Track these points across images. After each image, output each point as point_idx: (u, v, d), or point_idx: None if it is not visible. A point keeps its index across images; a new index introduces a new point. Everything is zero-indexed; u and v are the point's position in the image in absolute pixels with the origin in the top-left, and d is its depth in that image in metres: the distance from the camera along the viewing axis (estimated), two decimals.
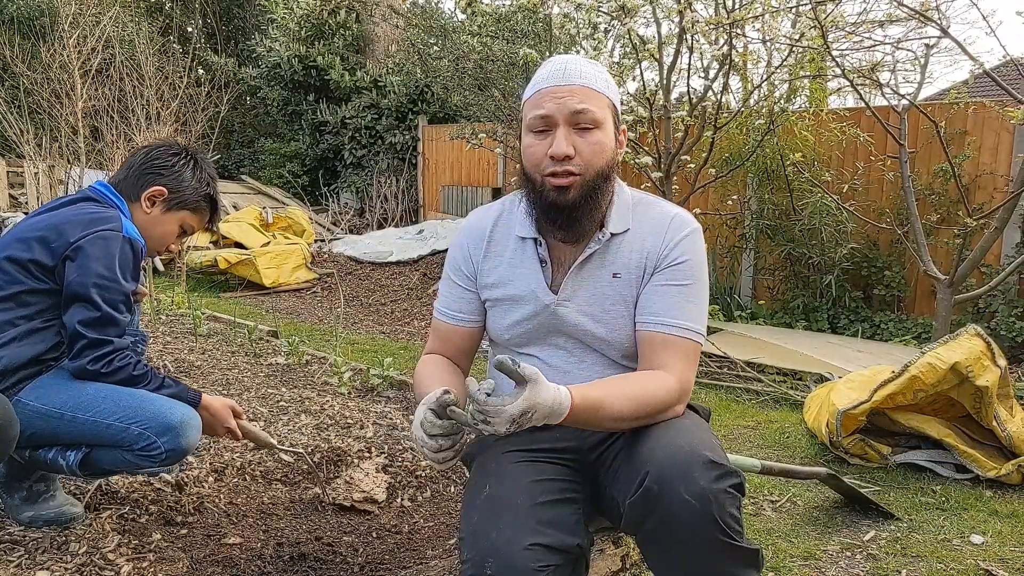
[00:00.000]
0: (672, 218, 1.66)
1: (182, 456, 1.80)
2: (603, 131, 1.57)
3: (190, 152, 2.08)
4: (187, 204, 2.03)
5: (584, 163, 1.56)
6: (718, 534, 1.37)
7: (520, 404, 1.32)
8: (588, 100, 1.56)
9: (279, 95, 12.11)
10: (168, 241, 2.07)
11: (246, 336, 4.24)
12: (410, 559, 1.97)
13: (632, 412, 1.50)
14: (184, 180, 2.02)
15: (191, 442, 1.79)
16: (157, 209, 2.00)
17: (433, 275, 8.14)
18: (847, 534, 2.40)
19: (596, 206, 1.60)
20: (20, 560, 1.73)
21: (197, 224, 2.10)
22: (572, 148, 1.54)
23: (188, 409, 1.82)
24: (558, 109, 1.55)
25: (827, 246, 5.37)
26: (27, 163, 7.41)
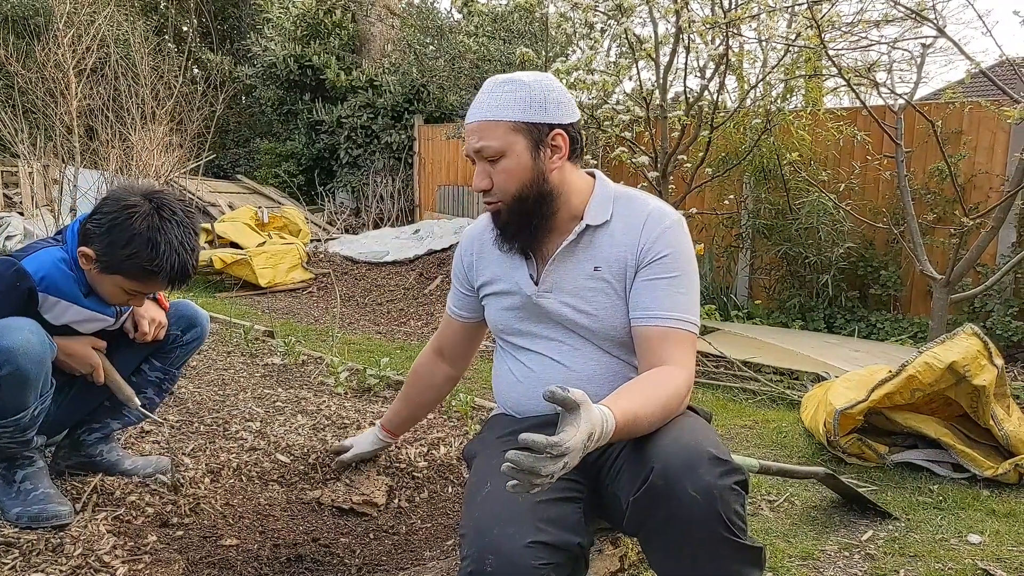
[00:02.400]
0: (650, 213, 1.70)
1: (11, 356, 1.71)
2: (510, 157, 1.64)
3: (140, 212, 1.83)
4: (117, 270, 1.86)
5: (499, 191, 1.67)
6: (722, 531, 1.38)
7: (584, 427, 1.31)
8: (485, 136, 1.65)
9: (274, 94, 12.09)
10: (115, 300, 1.96)
11: (242, 336, 4.22)
12: (407, 560, 1.96)
13: (660, 416, 1.52)
14: (114, 246, 1.82)
15: (14, 341, 1.72)
16: (92, 267, 1.87)
17: (429, 275, 8.14)
18: (845, 534, 2.40)
19: (527, 220, 1.69)
20: (15, 563, 1.72)
21: (141, 288, 1.91)
22: (488, 180, 1.67)
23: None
24: (468, 150, 1.69)
25: (823, 245, 5.38)
26: (21, 163, 7.38)
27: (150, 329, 2.08)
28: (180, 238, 1.87)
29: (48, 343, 1.81)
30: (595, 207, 1.70)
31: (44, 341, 1.79)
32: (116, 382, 2.05)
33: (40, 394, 1.83)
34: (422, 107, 11.10)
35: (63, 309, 1.92)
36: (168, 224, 1.86)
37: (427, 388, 2.12)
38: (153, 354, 2.18)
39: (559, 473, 1.29)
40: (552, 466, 1.27)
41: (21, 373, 1.74)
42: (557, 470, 1.28)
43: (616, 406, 1.43)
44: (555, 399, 1.32)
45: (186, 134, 6.12)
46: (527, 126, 1.63)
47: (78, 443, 2.17)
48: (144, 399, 2.17)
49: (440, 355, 2.08)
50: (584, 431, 1.31)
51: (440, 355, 2.08)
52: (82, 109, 5.34)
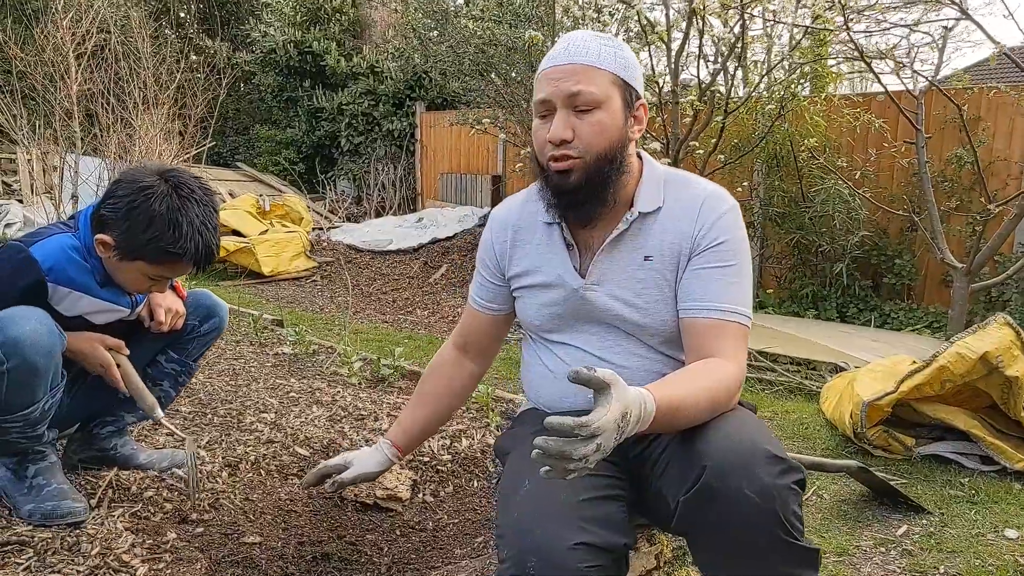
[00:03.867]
0: (706, 197, 1.58)
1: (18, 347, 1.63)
2: (606, 111, 1.50)
3: (158, 193, 1.74)
4: (139, 255, 1.77)
5: (584, 146, 1.49)
6: (780, 532, 1.30)
7: (617, 407, 1.21)
8: (585, 80, 1.49)
9: (274, 81, 11.96)
10: (137, 288, 1.87)
11: (251, 325, 4.15)
12: (438, 558, 1.90)
13: (708, 409, 1.43)
14: (133, 231, 1.73)
15: (21, 331, 1.64)
16: (111, 255, 1.78)
17: (434, 263, 8.06)
18: (879, 529, 2.34)
19: (603, 188, 1.53)
20: (29, 563, 1.65)
21: (165, 273, 1.82)
22: (570, 131, 1.49)
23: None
24: (555, 92, 1.50)
25: (837, 234, 5.30)
26: (20, 149, 7.27)
27: (167, 319, 2.00)
28: (201, 217, 1.78)
29: (58, 333, 1.73)
30: (646, 193, 1.57)
31: (53, 331, 1.71)
32: (138, 389, 1.94)
33: (50, 387, 1.75)
34: (424, 94, 10.99)
35: (75, 300, 1.84)
36: (188, 203, 1.76)
37: (449, 388, 1.85)
38: (170, 345, 2.10)
39: (595, 456, 1.20)
40: (584, 448, 1.19)
41: (29, 365, 1.66)
42: (591, 452, 1.19)
43: (657, 391, 1.34)
44: (580, 379, 1.22)
45: (189, 120, 6.02)
46: (623, 84, 1.51)
47: (91, 436, 2.10)
48: (160, 392, 2.10)
49: (464, 352, 1.87)
50: (617, 410, 1.21)
51: (464, 352, 1.87)
52: (82, 93, 5.23)
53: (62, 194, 5.37)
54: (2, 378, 1.65)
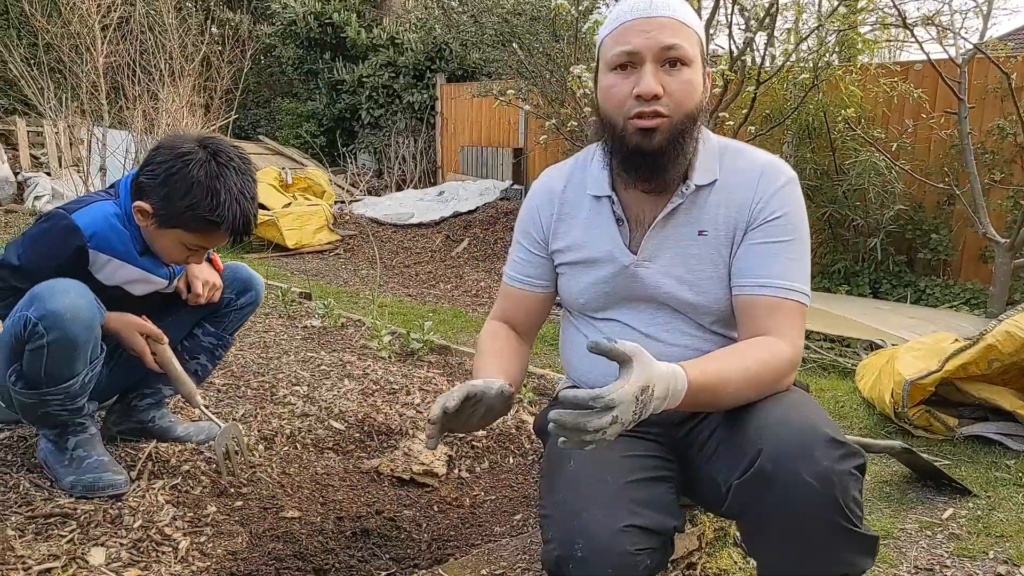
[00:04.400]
0: (764, 168, 1.49)
1: (58, 320, 1.62)
2: (693, 69, 1.42)
3: (196, 160, 1.72)
4: (177, 223, 1.76)
5: (674, 104, 1.40)
6: (839, 519, 1.26)
7: (636, 380, 1.17)
8: (679, 34, 1.40)
9: (294, 53, 11.88)
10: (174, 258, 1.84)
11: (279, 298, 4.14)
12: (477, 535, 1.88)
13: (751, 390, 1.37)
14: (171, 198, 1.72)
15: (61, 304, 1.63)
16: (149, 223, 1.77)
17: (456, 237, 8.02)
18: (923, 511, 2.29)
19: (682, 153, 1.44)
20: (72, 535, 1.64)
21: (202, 242, 1.80)
22: (660, 87, 1.39)
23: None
24: (646, 44, 1.39)
25: (871, 207, 5.19)
26: (47, 122, 7.28)
27: (204, 291, 1.98)
28: (239, 185, 1.76)
29: (97, 307, 1.72)
30: (702, 164, 1.49)
31: (92, 304, 1.70)
32: (178, 377, 1.94)
33: (90, 360, 1.74)
34: (444, 65, 10.87)
35: (115, 268, 1.83)
36: (226, 171, 1.74)
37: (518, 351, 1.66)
38: (206, 318, 2.09)
39: (613, 430, 1.17)
40: (599, 420, 1.15)
41: (69, 338, 1.65)
42: (606, 424, 1.15)
43: (693, 368, 1.30)
44: (599, 349, 1.19)
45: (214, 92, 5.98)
46: (702, 46, 1.45)
47: (130, 408, 2.10)
48: (197, 365, 2.08)
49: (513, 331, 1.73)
50: (636, 383, 1.17)
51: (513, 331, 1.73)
52: (108, 66, 5.21)
53: (90, 167, 5.37)
54: (42, 351, 1.64)
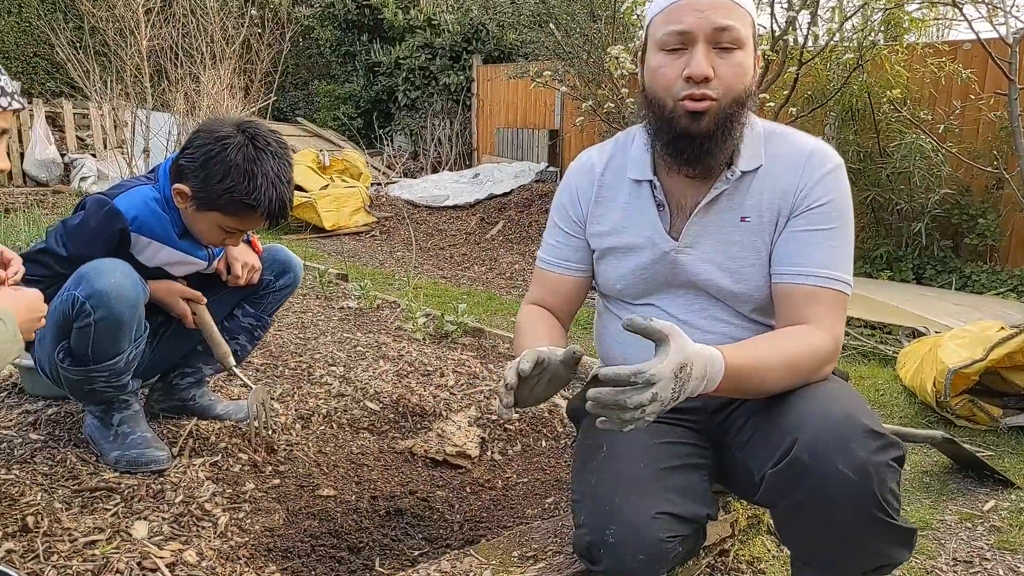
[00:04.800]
0: (811, 153, 1.46)
1: (104, 299, 1.66)
2: (745, 52, 1.39)
3: (234, 143, 1.74)
4: (214, 206, 1.79)
5: (724, 87, 1.37)
6: (876, 511, 1.24)
7: (674, 357, 1.16)
8: (733, 15, 1.37)
9: (332, 35, 11.93)
10: (212, 240, 1.87)
11: (316, 279, 4.19)
12: (509, 517, 1.89)
13: (786, 378, 1.35)
14: (209, 181, 1.75)
15: (107, 284, 1.67)
16: (188, 206, 1.81)
17: (491, 219, 8.02)
18: (964, 503, 2.25)
19: (730, 137, 1.41)
20: (117, 509, 1.69)
21: (239, 224, 1.83)
22: (712, 69, 1.36)
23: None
24: (699, 24, 1.36)
25: (916, 191, 5.07)
26: (92, 105, 7.42)
27: (243, 273, 2.02)
28: (276, 169, 1.78)
29: (141, 286, 1.76)
30: (747, 149, 1.46)
31: (137, 284, 1.74)
32: (212, 337, 1.99)
33: (134, 338, 1.78)
34: (480, 47, 10.82)
35: (155, 250, 1.87)
36: (263, 155, 1.77)
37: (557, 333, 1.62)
38: (246, 300, 2.12)
39: (652, 407, 1.16)
40: (638, 397, 1.15)
41: (114, 317, 1.69)
42: (646, 401, 1.15)
43: (729, 352, 1.28)
44: (635, 327, 1.18)
45: (254, 74, 6.05)
46: (754, 30, 1.42)
47: (171, 387, 2.14)
48: (236, 345, 2.12)
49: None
50: (675, 361, 1.16)
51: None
52: (151, 49, 5.29)
53: (133, 148, 5.47)
54: (89, 329, 1.68)
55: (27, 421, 2.06)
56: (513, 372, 1.29)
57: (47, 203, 7.18)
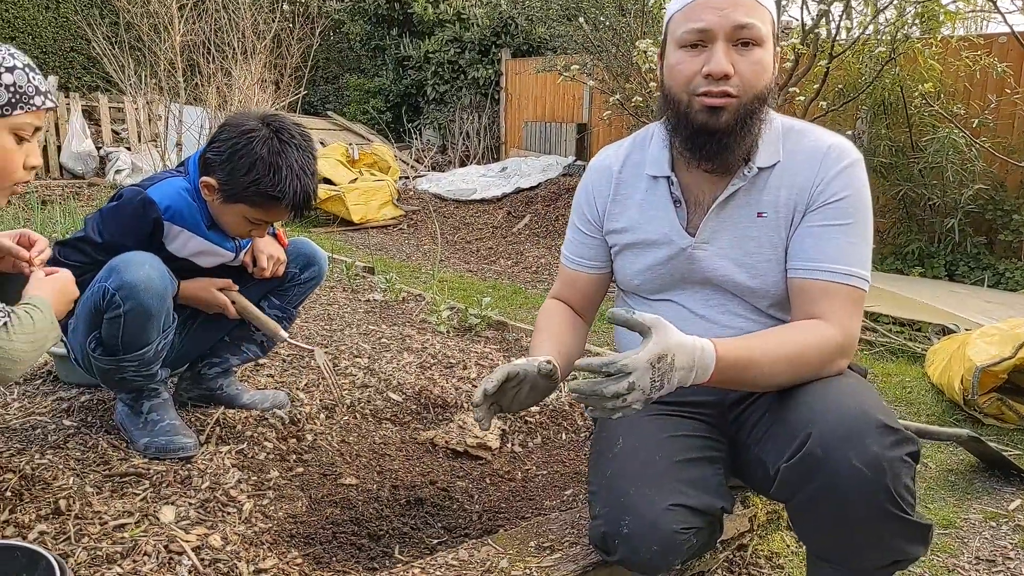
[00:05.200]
0: (828, 148, 1.46)
1: (133, 291, 1.71)
2: (765, 50, 1.40)
3: (259, 136, 1.79)
4: (240, 198, 1.83)
5: (743, 84, 1.38)
6: (889, 506, 1.24)
7: (652, 348, 1.20)
8: (753, 13, 1.37)
9: (362, 29, 12.01)
10: (238, 231, 1.92)
11: (343, 272, 4.24)
12: (527, 508, 1.91)
13: (792, 371, 1.36)
14: (235, 173, 1.79)
15: (136, 276, 1.71)
16: (214, 198, 1.86)
17: (518, 213, 8.03)
18: (988, 502, 2.23)
19: (748, 134, 1.42)
20: (146, 493, 1.74)
21: (264, 216, 1.87)
22: (731, 66, 1.37)
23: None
24: (719, 22, 1.37)
25: (949, 186, 4.98)
26: (127, 99, 7.55)
27: (268, 265, 2.06)
28: (300, 162, 1.83)
29: (169, 278, 1.80)
30: (765, 145, 1.47)
31: (165, 276, 1.78)
32: (259, 318, 2.04)
33: (162, 329, 1.83)
34: (510, 40, 10.83)
35: (186, 240, 1.92)
36: (288, 148, 1.81)
37: (574, 329, 1.67)
38: (272, 292, 2.16)
39: (635, 397, 1.20)
40: (615, 386, 1.19)
41: (143, 308, 1.74)
42: (623, 390, 1.19)
43: (724, 343, 1.31)
44: (616, 319, 1.23)
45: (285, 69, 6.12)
46: (775, 27, 1.42)
47: (199, 376, 2.19)
48: (262, 337, 2.17)
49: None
50: (652, 351, 1.20)
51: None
52: (185, 44, 5.38)
53: (166, 142, 5.58)
54: (119, 320, 1.73)
55: (61, 408, 2.12)
56: (480, 392, 1.37)
57: (83, 195, 7.34)
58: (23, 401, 2.16)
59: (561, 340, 1.60)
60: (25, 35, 9.84)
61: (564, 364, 1.56)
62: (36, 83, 1.39)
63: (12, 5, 9.67)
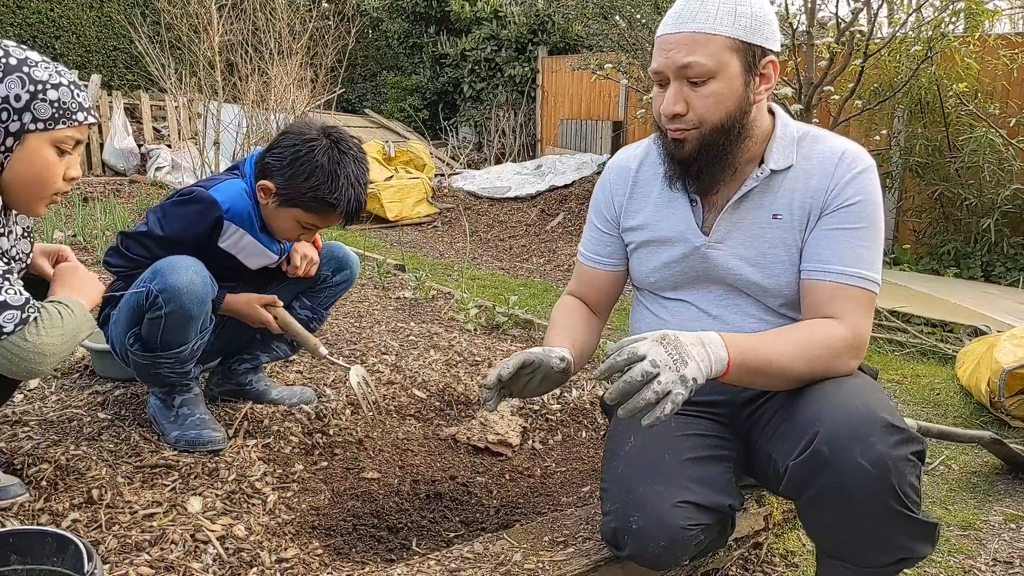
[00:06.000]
0: (842, 154, 1.50)
1: (176, 295, 1.77)
2: (720, 80, 1.43)
3: (321, 146, 1.88)
4: (297, 203, 1.91)
5: (698, 118, 1.45)
6: (894, 504, 1.27)
7: (651, 335, 1.29)
8: (696, 50, 1.41)
9: (400, 27, 12.12)
10: (289, 235, 2.00)
11: (375, 269, 4.31)
12: (544, 504, 1.95)
13: (802, 367, 1.39)
14: (295, 179, 1.88)
15: (180, 281, 1.78)
16: (270, 201, 1.94)
17: (551, 211, 8.05)
18: (1010, 504, 2.21)
19: (719, 158, 1.48)
20: (175, 484, 1.81)
21: (317, 221, 1.96)
22: (683, 104, 1.44)
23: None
24: (666, 64, 1.44)
25: (986, 186, 4.90)
26: (168, 97, 7.74)
27: (302, 264, 2.13)
28: (356, 173, 1.91)
29: (211, 284, 1.88)
30: (778, 149, 1.51)
31: (207, 282, 1.86)
32: (300, 334, 2.10)
33: (200, 331, 1.91)
34: (546, 38, 10.84)
35: (239, 239, 2.00)
36: (346, 158, 1.90)
37: (585, 327, 1.72)
38: (303, 293, 2.23)
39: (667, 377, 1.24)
40: (638, 368, 1.24)
41: (184, 311, 1.82)
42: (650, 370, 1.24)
43: (733, 337, 1.36)
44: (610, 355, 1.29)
45: (320, 68, 6.23)
46: (744, 46, 1.43)
47: (230, 372, 2.27)
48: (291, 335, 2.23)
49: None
50: (652, 336, 1.29)
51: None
52: (223, 44, 5.51)
53: (205, 140, 5.71)
54: (160, 320, 1.81)
55: (96, 401, 2.21)
56: (494, 375, 1.44)
57: (123, 193, 7.53)
58: (60, 394, 2.26)
59: (575, 335, 1.66)
60: (69, 34, 10.12)
61: (578, 358, 1.61)
62: (80, 99, 1.47)
63: (57, 4, 9.96)
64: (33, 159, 1.43)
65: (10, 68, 1.39)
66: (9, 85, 1.38)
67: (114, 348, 2.00)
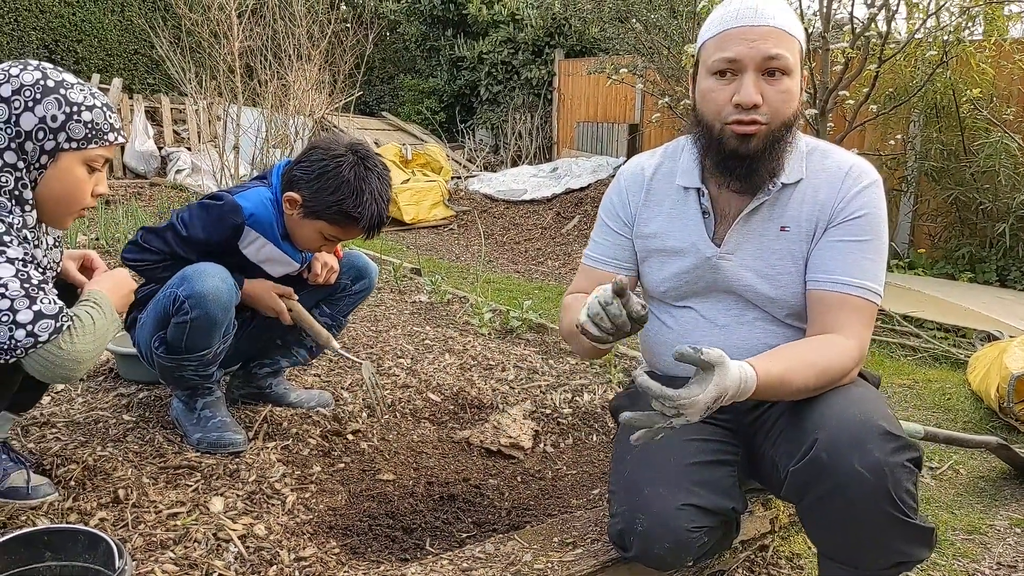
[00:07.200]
0: (850, 168, 1.55)
1: (202, 301, 1.84)
2: (792, 79, 1.48)
3: (348, 162, 1.95)
4: (321, 215, 1.98)
5: (771, 113, 1.46)
6: (891, 509, 1.31)
7: (712, 391, 1.27)
8: (782, 44, 1.45)
9: (418, 30, 12.20)
10: (311, 246, 2.07)
11: (391, 273, 4.37)
12: (554, 506, 2.00)
13: (815, 383, 1.44)
14: (322, 192, 1.95)
15: (206, 287, 1.85)
16: (295, 212, 2.00)
17: (567, 214, 8.09)
18: (1016, 509, 2.23)
19: (775, 157, 1.51)
20: (197, 485, 1.88)
21: (340, 234, 2.02)
22: (760, 96, 1.45)
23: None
24: (749, 53, 1.45)
25: (1002, 191, 4.89)
26: (188, 101, 7.85)
27: (322, 272, 2.18)
28: (379, 189, 1.98)
29: (235, 290, 1.95)
30: (790, 164, 1.55)
31: (231, 289, 1.93)
32: (312, 327, 2.17)
33: (223, 336, 1.97)
34: (563, 41, 10.88)
35: (260, 246, 2.07)
36: (371, 175, 1.97)
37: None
38: (324, 300, 2.29)
39: (679, 422, 1.28)
40: (665, 424, 1.29)
41: (209, 317, 1.89)
42: (676, 425, 1.29)
43: (761, 366, 1.36)
44: (685, 358, 1.27)
45: (338, 72, 6.30)
46: (803, 54, 1.49)
47: (250, 375, 2.34)
48: (311, 343, 2.29)
49: None
50: (711, 394, 1.27)
51: None
52: (243, 49, 5.59)
53: (225, 143, 5.81)
54: (185, 325, 1.88)
55: (121, 404, 2.29)
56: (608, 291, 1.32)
57: (144, 195, 7.65)
58: (86, 397, 2.33)
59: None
60: (91, 38, 10.28)
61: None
62: (111, 120, 1.54)
63: (80, 9, 10.11)
64: (65, 176, 1.50)
65: (48, 90, 1.46)
66: (47, 106, 1.45)
67: (140, 350, 2.08)
